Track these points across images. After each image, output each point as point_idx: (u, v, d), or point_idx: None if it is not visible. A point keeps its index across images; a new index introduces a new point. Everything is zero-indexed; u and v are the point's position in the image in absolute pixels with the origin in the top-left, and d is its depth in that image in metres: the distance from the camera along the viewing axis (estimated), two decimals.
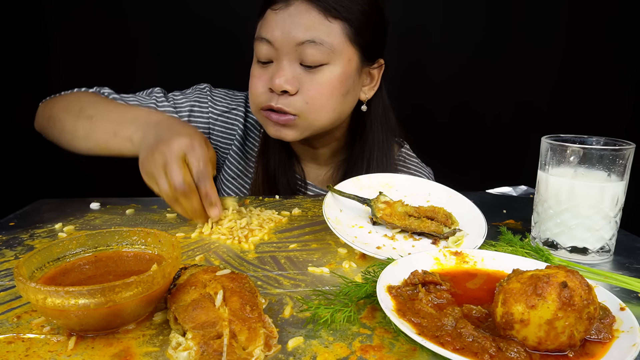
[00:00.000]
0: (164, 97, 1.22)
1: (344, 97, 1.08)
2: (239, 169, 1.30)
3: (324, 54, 1.02)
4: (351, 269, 0.74)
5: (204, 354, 0.47)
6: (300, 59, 1.02)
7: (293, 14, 1.01)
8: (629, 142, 0.76)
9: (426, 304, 0.57)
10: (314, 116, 1.06)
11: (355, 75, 1.09)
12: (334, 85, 1.05)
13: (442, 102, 1.95)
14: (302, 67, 1.03)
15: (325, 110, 1.06)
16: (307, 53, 1.01)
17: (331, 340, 0.53)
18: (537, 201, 0.83)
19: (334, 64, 1.04)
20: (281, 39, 1.01)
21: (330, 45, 1.02)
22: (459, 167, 1.90)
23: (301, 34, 1.00)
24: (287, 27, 1.01)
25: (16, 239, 0.84)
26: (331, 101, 1.06)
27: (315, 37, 1.00)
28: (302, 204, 1.06)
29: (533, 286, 0.49)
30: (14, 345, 0.52)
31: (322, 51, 1.01)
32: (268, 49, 1.04)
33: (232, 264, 0.76)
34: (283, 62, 1.03)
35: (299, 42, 1.00)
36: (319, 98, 1.04)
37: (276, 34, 1.02)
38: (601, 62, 1.88)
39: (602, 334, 0.51)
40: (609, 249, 0.79)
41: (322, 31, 1.01)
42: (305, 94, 1.03)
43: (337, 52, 1.03)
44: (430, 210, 0.85)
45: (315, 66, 1.03)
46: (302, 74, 1.03)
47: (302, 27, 1.00)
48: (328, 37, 1.01)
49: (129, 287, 0.51)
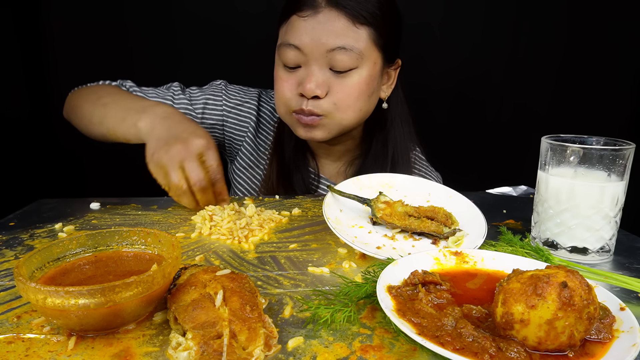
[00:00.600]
0: (181, 91, 1.28)
1: (369, 97, 1.13)
2: (251, 160, 1.32)
3: (353, 59, 1.05)
4: (351, 269, 0.74)
5: (204, 354, 0.47)
6: (329, 64, 1.06)
7: (322, 21, 1.04)
8: (629, 142, 0.76)
9: (426, 304, 0.57)
10: (342, 115, 1.10)
11: (379, 76, 1.14)
12: (362, 87, 1.09)
13: (442, 101, 1.95)
14: (331, 72, 1.07)
15: (352, 110, 1.10)
16: (337, 59, 1.04)
17: (331, 340, 0.53)
18: (537, 201, 0.83)
19: (361, 68, 1.08)
20: (311, 46, 1.04)
21: (359, 51, 1.05)
22: (459, 167, 1.89)
23: (331, 40, 1.03)
24: (316, 34, 1.04)
25: (16, 239, 0.84)
26: (359, 102, 1.10)
27: (345, 44, 1.04)
28: (302, 204, 1.06)
29: (533, 286, 0.49)
30: (14, 345, 0.52)
31: (351, 57, 1.05)
32: (296, 54, 1.06)
33: (232, 264, 0.76)
34: (313, 67, 1.06)
35: (329, 49, 1.04)
36: (347, 99, 1.08)
37: (305, 41, 1.04)
38: (601, 62, 1.88)
39: (602, 334, 0.51)
40: (609, 249, 0.79)
41: (350, 37, 1.04)
42: (334, 97, 1.07)
43: (365, 57, 1.07)
44: (430, 210, 0.85)
45: (345, 71, 1.06)
46: (332, 78, 1.07)
47: (332, 34, 1.03)
48: (356, 43, 1.05)
49: (129, 287, 0.51)
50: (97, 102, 1.13)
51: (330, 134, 1.13)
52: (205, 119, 1.28)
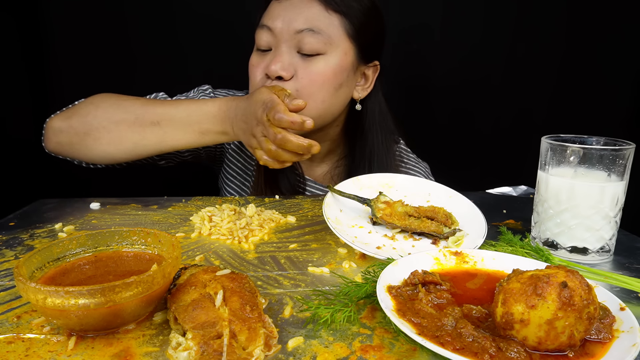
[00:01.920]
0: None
1: (336, 90, 1.10)
2: (238, 167, 1.30)
3: (321, 43, 1.05)
4: (351, 269, 0.74)
5: (204, 354, 0.47)
6: (298, 46, 1.05)
7: (295, 4, 1.05)
8: (629, 142, 0.76)
9: (426, 304, 0.57)
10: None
11: (350, 70, 1.11)
12: (327, 75, 1.07)
13: (442, 101, 1.95)
14: (299, 55, 1.06)
15: (314, 100, 1.07)
16: (305, 41, 1.04)
17: (331, 340, 0.53)
18: (537, 201, 0.83)
19: (330, 55, 1.06)
20: (281, 27, 1.05)
21: (328, 36, 1.05)
22: (459, 167, 1.90)
23: (301, 22, 1.04)
24: (288, 15, 1.05)
25: (16, 239, 0.84)
26: (322, 91, 1.07)
27: (314, 26, 1.04)
28: (302, 204, 1.06)
29: (533, 286, 0.49)
30: (14, 345, 0.52)
31: (319, 40, 1.04)
32: (268, 36, 1.07)
33: (232, 264, 0.76)
34: (281, 48, 1.06)
35: (298, 30, 1.04)
36: (310, 86, 1.06)
37: (277, 22, 1.05)
38: (601, 62, 1.88)
39: (602, 334, 0.51)
40: (609, 249, 0.79)
41: (321, 22, 1.05)
42: (298, 81, 1.05)
43: (334, 44, 1.06)
44: (430, 210, 0.85)
45: (312, 55, 1.05)
46: (298, 62, 1.06)
47: (303, 16, 1.04)
48: (327, 28, 1.05)
49: (129, 287, 0.51)
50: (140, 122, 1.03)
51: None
52: None
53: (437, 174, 1.32)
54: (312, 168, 1.29)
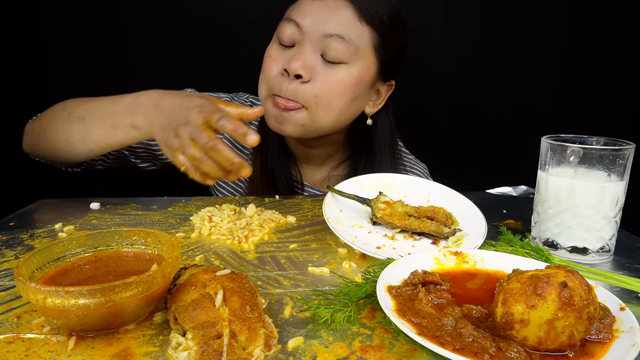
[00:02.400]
0: None
1: (352, 102, 1.08)
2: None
3: (348, 52, 1.02)
4: (351, 269, 0.74)
5: (204, 354, 0.47)
6: (323, 50, 1.02)
7: (330, 5, 1.02)
8: (629, 142, 0.76)
9: (426, 304, 0.57)
10: (321, 112, 1.04)
11: (368, 85, 1.10)
12: (347, 86, 1.05)
13: (442, 101, 1.95)
14: (322, 60, 1.03)
15: (332, 109, 1.05)
16: (331, 47, 1.01)
17: (331, 340, 0.53)
18: (537, 201, 0.83)
19: (353, 65, 1.04)
20: (310, 26, 1.02)
21: (356, 46, 1.03)
22: (459, 167, 1.90)
23: (332, 26, 1.01)
24: (320, 15, 1.02)
25: (16, 239, 0.84)
26: (340, 101, 1.05)
27: (344, 34, 1.01)
28: (302, 204, 1.06)
29: (533, 286, 0.49)
30: (14, 345, 0.52)
31: (346, 48, 1.02)
32: (294, 31, 1.03)
33: (232, 264, 0.76)
34: (306, 47, 1.03)
35: (327, 34, 1.01)
36: (329, 93, 1.03)
37: (307, 20, 1.02)
38: (601, 62, 1.88)
39: (602, 334, 0.51)
40: (609, 249, 0.79)
41: (352, 30, 1.02)
42: (316, 86, 1.02)
43: (359, 55, 1.04)
44: (430, 210, 0.85)
45: (335, 62, 1.03)
46: (320, 65, 1.03)
47: (335, 20, 1.01)
48: (356, 38, 1.03)
49: (129, 287, 0.51)
50: (70, 118, 1.02)
51: (301, 132, 1.07)
52: None
53: (437, 174, 1.32)
54: (310, 171, 1.28)
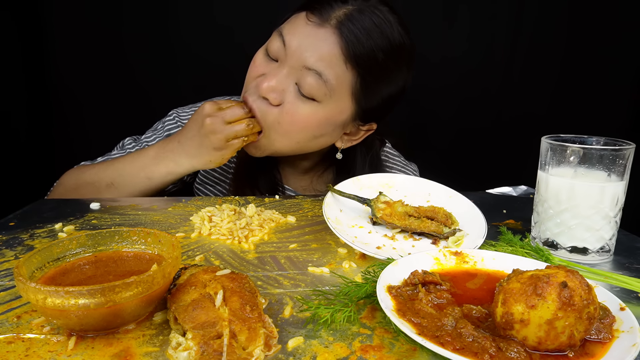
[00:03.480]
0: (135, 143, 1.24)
1: (315, 137, 1.05)
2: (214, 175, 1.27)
3: (321, 91, 0.97)
4: (351, 269, 0.74)
5: (204, 354, 0.47)
6: (298, 80, 0.98)
7: (320, 37, 0.96)
8: (629, 142, 0.76)
9: (426, 304, 0.57)
10: (278, 138, 1.03)
11: (339, 125, 1.06)
12: (310, 123, 1.01)
13: (443, 101, 1.95)
14: (295, 88, 0.99)
15: (290, 139, 1.03)
16: (306, 81, 0.96)
17: (331, 340, 0.53)
18: (537, 201, 0.83)
19: (323, 105, 0.99)
20: (294, 50, 0.97)
21: (331, 88, 0.97)
22: (459, 167, 1.90)
23: (313, 60, 0.96)
24: (306, 43, 0.96)
25: (16, 239, 0.84)
26: (299, 135, 1.03)
27: (323, 72, 0.96)
28: (302, 204, 1.06)
29: (533, 286, 0.49)
30: (14, 345, 0.52)
31: (320, 87, 0.97)
32: (280, 48, 0.99)
33: (232, 264, 0.76)
34: (283, 70, 0.99)
35: (306, 66, 0.96)
36: (290, 124, 1.00)
37: (294, 42, 0.97)
38: (601, 62, 1.88)
39: (602, 334, 0.51)
40: (609, 249, 0.79)
41: (333, 71, 0.96)
42: (281, 113, 1.00)
43: (334, 98, 0.99)
44: (430, 210, 0.85)
45: (306, 97, 0.98)
46: (291, 94, 0.99)
47: (318, 54, 0.96)
48: (335, 79, 0.97)
49: (129, 287, 0.51)
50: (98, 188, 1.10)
51: (262, 154, 1.08)
52: None
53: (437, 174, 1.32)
54: (294, 177, 1.25)
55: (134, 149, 1.22)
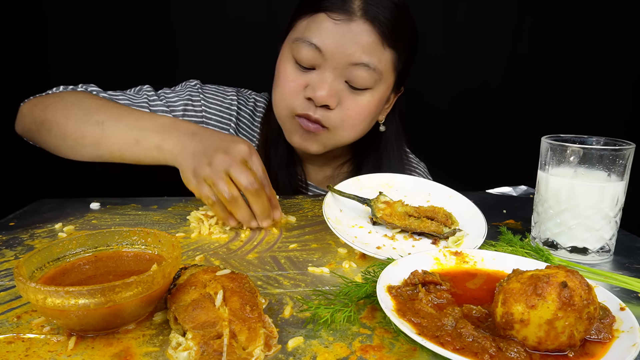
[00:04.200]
0: (156, 96, 1.18)
1: (374, 119, 1.12)
2: None
3: (373, 79, 1.02)
4: (351, 269, 0.74)
5: (204, 354, 0.47)
6: (347, 77, 1.01)
7: (354, 31, 0.98)
8: (629, 142, 0.76)
9: (426, 304, 0.57)
10: (344, 133, 1.07)
11: (386, 100, 1.12)
12: (372, 109, 1.06)
13: (443, 101, 1.95)
14: (346, 85, 1.02)
15: (355, 130, 1.08)
16: (357, 75, 1.00)
17: (331, 340, 0.53)
18: (537, 201, 0.83)
19: (376, 90, 1.05)
20: (334, 52, 0.99)
21: (380, 72, 1.02)
22: (459, 167, 1.90)
23: (358, 54, 0.99)
24: (345, 42, 0.98)
25: (16, 239, 0.84)
26: (365, 122, 1.08)
27: (369, 62, 1.00)
28: (302, 204, 1.06)
29: (533, 286, 0.49)
30: (14, 345, 0.52)
31: (372, 76, 1.01)
32: (315, 56, 1.00)
33: (232, 264, 0.76)
34: (328, 74, 1.00)
35: (353, 62, 0.99)
36: (355, 118, 1.05)
37: (330, 45, 0.98)
38: (601, 62, 1.88)
39: (602, 334, 0.51)
40: (609, 249, 0.79)
41: (376, 57, 1.00)
42: (343, 112, 1.03)
43: (382, 79, 1.04)
44: (430, 210, 0.85)
45: (361, 89, 1.03)
46: (345, 91, 1.03)
47: (360, 48, 0.98)
48: (380, 63, 1.01)
49: (129, 287, 0.51)
50: (87, 119, 0.97)
51: (324, 149, 1.10)
52: None
53: (437, 174, 1.32)
54: (314, 171, 1.28)
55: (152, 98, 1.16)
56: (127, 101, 1.15)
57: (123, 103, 1.13)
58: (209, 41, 1.79)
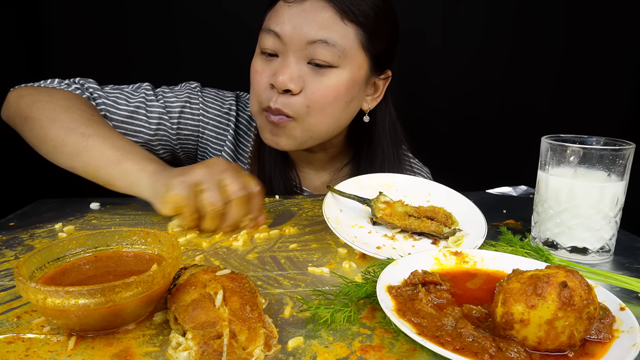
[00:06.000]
0: (154, 95, 1.16)
1: (347, 104, 1.05)
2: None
3: (335, 56, 0.98)
4: (351, 269, 0.74)
5: (204, 354, 0.47)
6: (309, 57, 0.98)
7: (308, 9, 0.97)
8: (629, 142, 0.76)
9: (426, 304, 0.57)
10: (313, 121, 1.02)
11: (362, 83, 1.06)
12: (340, 90, 1.01)
13: (443, 101, 1.95)
14: (309, 67, 0.99)
15: (325, 115, 1.02)
16: (317, 52, 0.97)
17: (331, 340, 0.53)
18: (537, 201, 0.83)
19: (342, 69, 1.00)
20: (291, 34, 0.97)
21: (343, 48, 0.98)
22: (459, 167, 1.90)
23: (314, 32, 0.96)
24: (299, 22, 0.97)
25: (16, 239, 0.84)
26: (334, 107, 1.02)
27: (328, 38, 0.97)
28: (302, 204, 1.06)
29: (533, 286, 0.49)
30: (14, 345, 0.52)
31: (333, 53, 0.97)
32: (275, 42, 0.99)
33: (232, 264, 0.76)
34: (289, 58, 0.99)
35: (310, 41, 0.97)
36: (321, 101, 1.00)
37: (286, 28, 0.97)
38: (601, 62, 1.89)
39: (602, 334, 0.51)
40: (609, 249, 0.79)
41: (336, 32, 0.97)
42: (307, 96, 0.99)
43: (348, 57, 0.99)
44: (430, 210, 0.85)
45: (324, 67, 0.99)
46: (308, 74, 0.99)
47: (316, 25, 0.96)
48: (341, 39, 0.98)
49: (129, 287, 0.51)
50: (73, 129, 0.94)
51: (296, 143, 1.05)
52: (181, 130, 1.18)
53: (437, 174, 1.32)
54: (310, 176, 1.24)
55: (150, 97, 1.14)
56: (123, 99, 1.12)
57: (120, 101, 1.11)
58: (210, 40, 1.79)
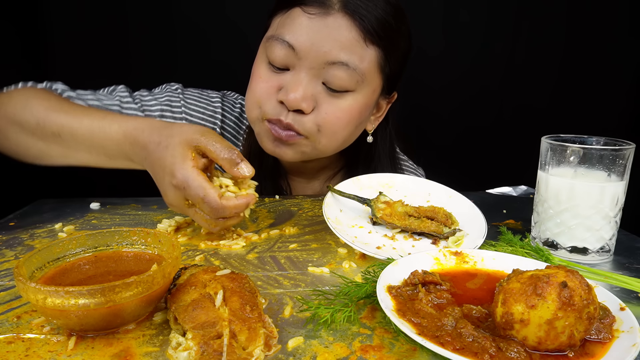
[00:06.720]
0: (130, 98, 1.09)
1: (357, 127, 1.00)
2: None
3: (353, 80, 0.92)
4: (351, 269, 0.74)
5: (204, 354, 0.47)
6: (324, 78, 0.91)
7: (331, 26, 0.88)
8: (629, 142, 0.76)
9: (426, 304, 0.57)
10: (324, 141, 0.97)
11: (373, 106, 1.02)
12: (353, 115, 0.95)
13: (443, 101, 1.95)
14: (323, 87, 0.92)
15: (336, 139, 0.97)
16: (334, 75, 0.90)
17: (331, 340, 0.53)
18: (537, 201, 0.83)
19: (358, 92, 0.94)
20: (308, 50, 0.89)
21: (362, 73, 0.92)
22: (459, 167, 1.90)
23: (335, 52, 0.89)
24: (320, 38, 0.89)
25: (16, 239, 0.84)
26: (345, 131, 0.97)
27: (349, 61, 0.90)
28: (302, 204, 1.06)
29: (533, 286, 0.49)
30: (14, 345, 0.52)
31: (351, 77, 0.91)
32: (288, 54, 0.91)
33: (232, 264, 0.76)
34: (303, 75, 0.91)
35: (330, 61, 0.89)
36: (334, 124, 0.94)
37: (304, 42, 0.89)
38: (601, 62, 1.88)
39: (602, 334, 0.51)
40: (609, 249, 0.79)
41: (357, 55, 0.90)
42: (320, 116, 0.93)
43: (365, 81, 0.94)
44: (430, 210, 0.85)
45: (340, 91, 0.93)
46: (322, 94, 0.92)
47: (338, 45, 0.89)
48: (361, 62, 0.91)
49: (129, 287, 0.51)
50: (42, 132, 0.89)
51: (300, 157, 1.00)
52: None
53: (437, 174, 1.32)
54: (301, 184, 1.21)
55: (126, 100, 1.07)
56: (96, 103, 1.07)
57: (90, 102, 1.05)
58: (207, 41, 1.79)
